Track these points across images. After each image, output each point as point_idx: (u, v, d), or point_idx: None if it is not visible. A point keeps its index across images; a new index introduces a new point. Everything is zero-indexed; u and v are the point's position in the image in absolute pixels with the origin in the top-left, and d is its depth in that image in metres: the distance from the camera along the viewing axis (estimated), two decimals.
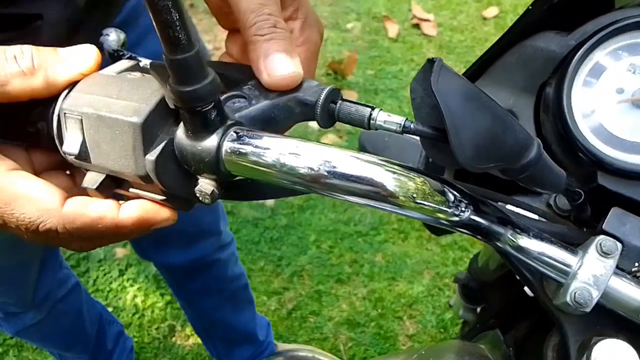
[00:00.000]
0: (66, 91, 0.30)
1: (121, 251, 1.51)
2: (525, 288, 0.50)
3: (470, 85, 0.26)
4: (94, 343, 1.13)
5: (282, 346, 1.27)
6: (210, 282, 1.03)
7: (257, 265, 1.52)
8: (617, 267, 0.31)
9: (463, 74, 0.40)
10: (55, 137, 0.30)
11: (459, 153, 0.25)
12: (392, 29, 2.26)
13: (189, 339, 1.37)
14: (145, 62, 0.34)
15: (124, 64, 0.32)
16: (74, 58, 0.31)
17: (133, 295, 1.43)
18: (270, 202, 1.66)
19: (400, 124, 0.28)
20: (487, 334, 0.47)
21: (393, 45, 2.21)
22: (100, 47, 0.33)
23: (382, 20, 2.31)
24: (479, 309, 0.73)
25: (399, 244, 1.60)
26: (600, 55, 0.33)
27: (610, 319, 0.33)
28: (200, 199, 0.29)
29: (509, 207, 0.36)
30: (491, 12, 2.37)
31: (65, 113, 0.29)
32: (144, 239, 0.92)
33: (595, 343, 0.32)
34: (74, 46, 0.32)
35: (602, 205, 0.33)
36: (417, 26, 2.29)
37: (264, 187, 0.32)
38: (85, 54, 0.31)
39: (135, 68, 0.32)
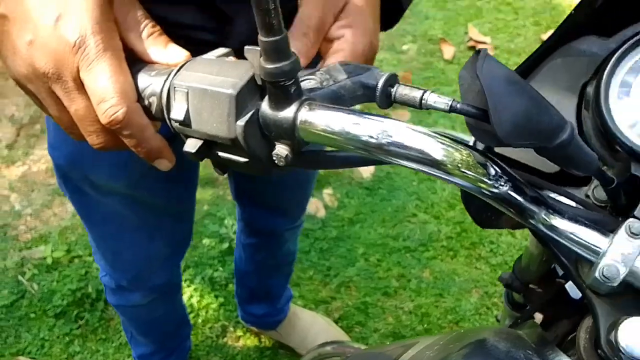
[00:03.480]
0: (175, 69, 0.36)
1: None
2: (567, 282, 0.52)
3: (511, 72, 0.30)
4: (170, 337, 1.22)
5: (295, 309, 1.41)
6: (267, 246, 1.18)
7: (307, 274, 1.57)
8: None
9: (525, 63, 0.44)
10: (164, 107, 0.36)
11: (499, 130, 0.29)
12: (448, 51, 2.29)
13: (239, 340, 1.43)
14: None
15: (222, 50, 0.39)
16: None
17: (189, 295, 1.50)
18: (321, 214, 1.71)
19: (448, 104, 0.32)
20: (525, 324, 0.49)
21: (448, 66, 2.24)
22: None
23: (438, 42, 2.35)
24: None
25: (447, 261, 1.61)
26: (637, 57, 0.36)
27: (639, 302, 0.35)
28: (276, 161, 0.35)
29: (550, 194, 0.39)
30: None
31: (175, 87, 0.36)
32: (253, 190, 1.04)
33: (622, 321, 0.34)
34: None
35: (637, 194, 0.36)
36: (473, 48, 2.31)
37: (331, 157, 0.37)
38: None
39: (230, 54, 0.38)
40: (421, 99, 0.33)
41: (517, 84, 0.30)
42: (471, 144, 0.47)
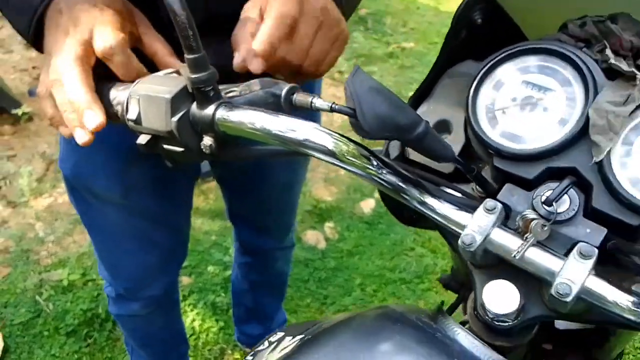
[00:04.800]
0: (134, 84, 0.48)
1: (186, 280, 1.69)
2: None
3: (375, 82, 0.40)
4: (168, 353, 1.29)
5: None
6: (259, 265, 1.28)
7: (304, 301, 1.63)
8: (505, 225, 0.42)
9: (414, 94, 0.53)
10: (124, 111, 0.48)
11: (365, 125, 0.39)
12: None
13: None
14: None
15: (169, 70, 0.50)
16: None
17: (192, 319, 1.58)
18: (322, 246, 1.79)
19: (330, 106, 0.42)
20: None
21: None
22: None
23: None
24: None
25: (441, 293, 1.65)
26: (500, 73, 0.45)
27: (505, 267, 0.43)
28: (204, 150, 0.45)
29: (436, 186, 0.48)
30: None
31: (131, 96, 0.47)
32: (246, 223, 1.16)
33: (485, 285, 0.42)
34: None
35: (502, 182, 0.44)
36: None
37: (249, 150, 0.47)
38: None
39: (175, 72, 0.50)
40: (311, 102, 0.43)
41: (379, 91, 0.40)
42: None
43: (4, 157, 2.22)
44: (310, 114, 0.52)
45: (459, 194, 0.46)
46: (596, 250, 0.37)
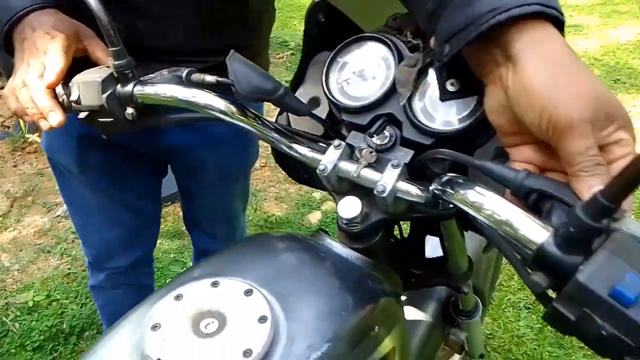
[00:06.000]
0: (76, 76, 0.65)
1: None
2: None
3: (248, 62, 0.57)
4: None
5: None
6: None
7: None
8: (351, 158, 0.59)
9: (292, 81, 0.71)
10: (68, 97, 0.64)
11: (241, 91, 0.56)
12: None
13: None
14: None
15: (102, 66, 0.67)
16: None
17: None
18: None
19: (216, 79, 0.59)
20: None
21: None
22: None
23: None
24: None
25: None
26: (344, 57, 0.63)
27: (354, 190, 0.60)
28: (128, 117, 0.62)
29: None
30: None
31: (72, 84, 0.64)
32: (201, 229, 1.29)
33: (339, 200, 0.59)
34: None
35: (349, 130, 0.62)
36: None
37: (165, 118, 0.64)
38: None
39: (106, 67, 0.67)
40: (203, 79, 0.60)
41: (251, 67, 0.57)
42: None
43: None
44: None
45: (319, 142, 0.63)
46: (403, 163, 0.55)
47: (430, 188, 0.50)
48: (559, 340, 1.66)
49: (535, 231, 0.38)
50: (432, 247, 0.76)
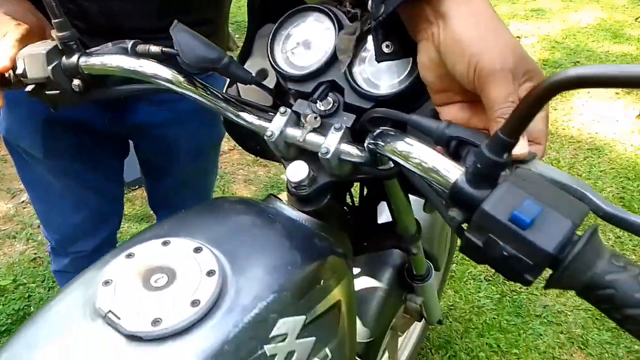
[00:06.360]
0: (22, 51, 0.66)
1: None
2: None
3: (192, 32, 0.59)
4: None
5: None
6: None
7: None
8: (297, 125, 0.62)
9: (239, 54, 0.73)
10: (17, 67, 0.65)
11: (187, 61, 0.58)
12: None
13: None
14: None
15: (47, 40, 0.68)
16: None
17: None
18: None
19: (161, 49, 0.61)
20: None
21: None
22: None
23: None
24: None
25: None
26: (288, 28, 0.65)
27: (302, 155, 0.63)
28: (75, 89, 0.63)
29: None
30: None
31: (19, 58, 0.64)
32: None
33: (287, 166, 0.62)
34: None
35: (296, 98, 0.64)
36: None
37: (113, 91, 0.66)
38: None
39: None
40: (148, 49, 0.62)
41: (195, 37, 0.59)
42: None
43: None
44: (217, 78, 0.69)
45: (267, 111, 0.66)
46: (345, 126, 0.58)
47: (365, 143, 0.53)
48: (516, 310, 1.73)
49: (451, 172, 0.42)
50: (387, 216, 0.80)
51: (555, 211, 0.34)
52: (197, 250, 0.54)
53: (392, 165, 0.60)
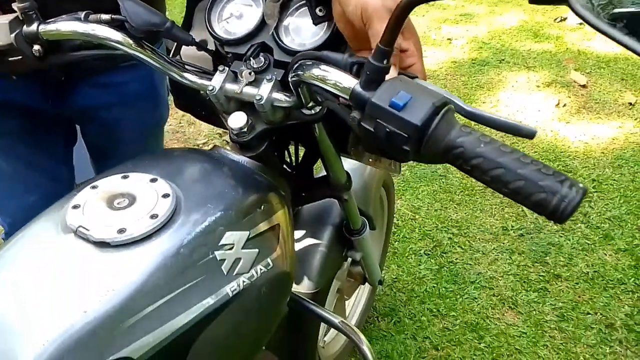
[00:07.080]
0: None
1: None
2: None
3: (138, 1, 0.69)
4: None
5: None
6: None
7: None
8: (235, 81, 0.72)
9: (182, 25, 0.84)
10: None
11: (134, 25, 0.68)
12: None
13: None
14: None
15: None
16: None
17: None
18: None
19: (111, 17, 0.71)
20: None
21: None
22: None
23: None
24: None
25: None
26: (221, 3, 0.76)
27: (241, 107, 0.73)
28: (36, 54, 0.72)
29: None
30: None
31: None
32: None
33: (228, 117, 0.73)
34: None
35: (233, 60, 0.75)
36: None
37: (72, 56, 0.75)
38: None
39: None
40: (99, 18, 0.71)
41: (139, 4, 0.69)
42: None
43: None
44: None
45: (208, 73, 0.77)
46: (274, 77, 0.69)
47: (289, 77, 0.65)
48: (453, 278, 1.89)
49: (351, 82, 0.54)
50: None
51: (421, 98, 0.47)
52: (153, 180, 0.64)
53: (317, 110, 0.72)
